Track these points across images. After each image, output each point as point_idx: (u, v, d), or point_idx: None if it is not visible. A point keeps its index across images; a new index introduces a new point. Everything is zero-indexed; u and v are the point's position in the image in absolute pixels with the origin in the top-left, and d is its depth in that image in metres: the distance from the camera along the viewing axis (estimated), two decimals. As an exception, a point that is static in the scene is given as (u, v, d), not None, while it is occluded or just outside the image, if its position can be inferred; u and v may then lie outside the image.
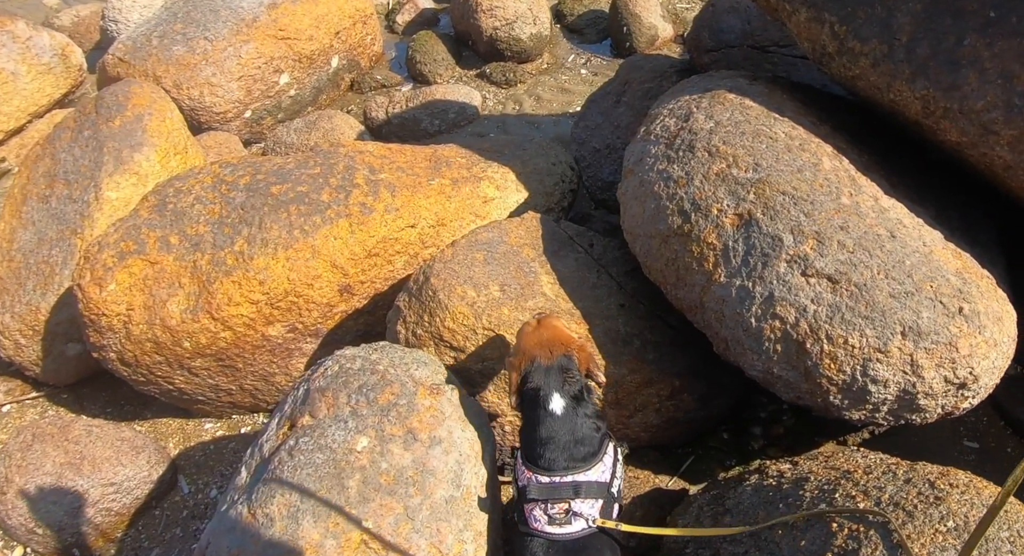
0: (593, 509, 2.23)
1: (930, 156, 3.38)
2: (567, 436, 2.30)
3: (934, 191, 3.24)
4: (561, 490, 2.23)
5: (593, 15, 6.60)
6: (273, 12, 5.57)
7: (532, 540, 2.24)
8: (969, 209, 3.29)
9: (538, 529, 2.23)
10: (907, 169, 3.29)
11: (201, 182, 3.48)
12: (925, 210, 2.97)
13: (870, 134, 3.38)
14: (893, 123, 3.27)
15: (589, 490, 2.24)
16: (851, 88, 3.18)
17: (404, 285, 3.07)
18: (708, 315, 2.73)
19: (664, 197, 2.86)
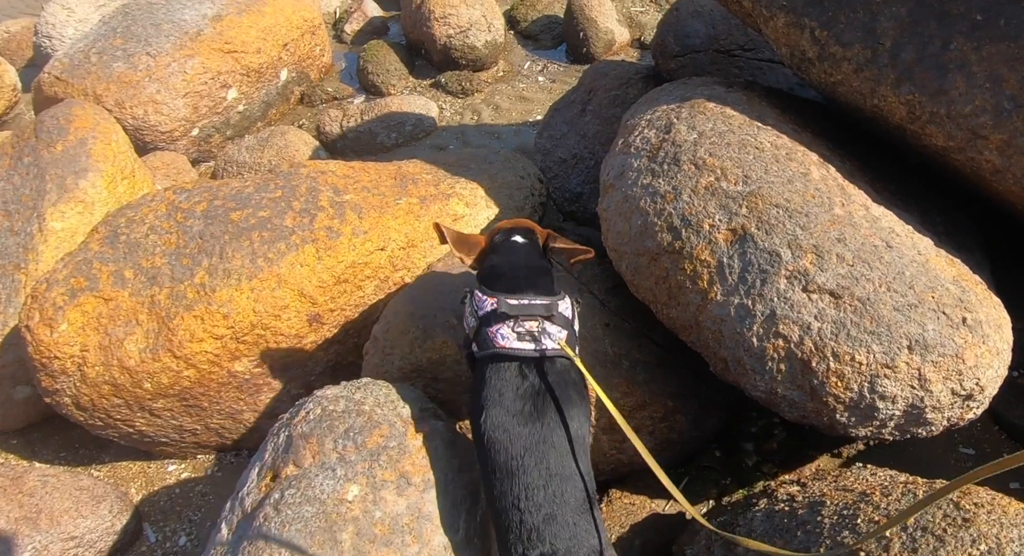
0: (560, 336, 2.18)
1: (908, 161, 3.34)
2: (530, 268, 2.33)
3: (916, 196, 3.19)
4: (533, 309, 2.18)
5: (547, 21, 6.48)
6: (218, 25, 5.34)
7: (497, 364, 2.12)
8: (952, 213, 3.25)
9: (505, 347, 2.12)
10: (887, 174, 3.24)
11: (155, 211, 3.26)
12: (911, 216, 2.91)
13: (848, 139, 3.32)
14: (872, 129, 3.22)
15: (559, 318, 2.21)
16: (830, 94, 3.10)
17: (380, 315, 2.89)
18: (705, 335, 2.62)
19: (651, 213, 2.75)
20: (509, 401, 2.07)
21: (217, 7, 5.40)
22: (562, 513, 1.93)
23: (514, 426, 2.03)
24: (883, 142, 3.32)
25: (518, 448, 2.00)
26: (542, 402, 2.08)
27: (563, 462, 2.02)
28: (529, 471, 1.97)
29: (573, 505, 1.96)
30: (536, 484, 1.95)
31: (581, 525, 1.94)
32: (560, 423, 2.07)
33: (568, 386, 2.16)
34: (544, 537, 1.88)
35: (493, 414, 2.05)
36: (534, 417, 2.05)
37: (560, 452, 2.03)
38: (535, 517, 1.91)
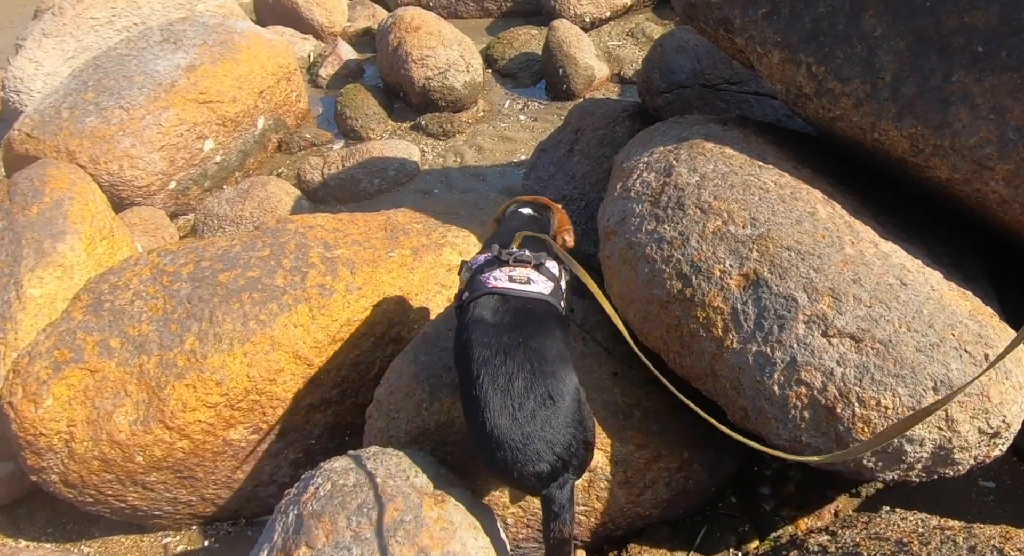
0: (546, 287, 2.36)
1: (904, 191, 3.31)
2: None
3: (919, 227, 3.15)
4: (523, 257, 2.38)
5: (525, 58, 6.45)
6: (192, 75, 5.24)
7: (481, 298, 2.25)
8: (955, 243, 3.20)
9: (497, 286, 2.27)
10: (889, 207, 3.20)
11: (139, 275, 3.14)
12: (918, 249, 2.86)
13: (845, 172, 3.29)
14: (871, 161, 3.18)
15: (546, 271, 2.42)
16: (828, 129, 3.07)
17: (383, 377, 2.78)
18: (722, 384, 2.54)
19: (659, 260, 2.67)
20: (489, 315, 2.21)
21: (191, 57, 5.31)
22: (555, 416, 2.05)
23: (494, 335, 2.15)
24: (881, 174, 3.29)
25: (499, 355, 2.11)
26: (522, 317, 2.22)
27: (542, 365, 2.12)
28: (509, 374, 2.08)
29: (563, 405, 2.09)
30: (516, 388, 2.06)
31: (571, 424, 2.07)
32: (538, 332, 2.20)
33: (548, 315, 2.32)
34: (541, 443, 2.01)
35: (475, 328, 2.18)
36: (513, 326, 2.18)
37: (539, 355, 2.14)
38: (532, 424, 2.03)
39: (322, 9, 7.25)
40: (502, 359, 2.10)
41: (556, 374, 2.15)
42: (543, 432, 2.03)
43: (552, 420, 2.06)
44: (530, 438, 2.01)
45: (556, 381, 2.13)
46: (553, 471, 2.03)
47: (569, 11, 6.53)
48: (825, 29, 2.78)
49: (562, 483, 2.05)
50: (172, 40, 5.39)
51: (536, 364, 2.12)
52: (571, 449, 2.07)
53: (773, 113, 4.28)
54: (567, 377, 2.17)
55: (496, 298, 2.26)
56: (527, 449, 2.01)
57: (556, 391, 2.11)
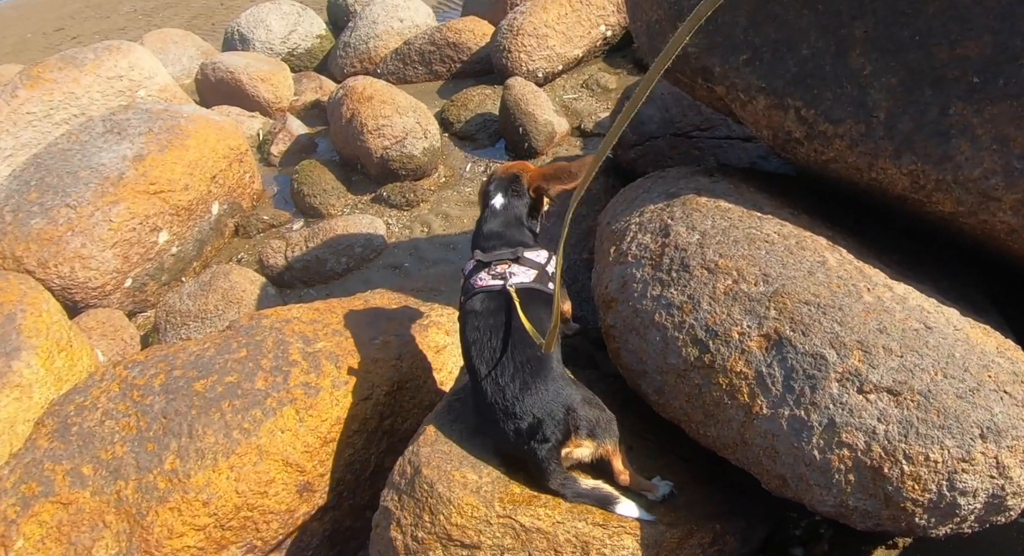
0: (528, 276, 2.65)
1: (895, 225, 3.22)
2: (505, 224, 2.84)
3: (918, 263, 3.05)
4: (501, 255, 2.68)
5: (482, 119, 6.36)
6: (140, 165, 5.02)
7: (473, 297, 2.60)
8: (956, 275, 3.11)
9: (483, 285, 2.60)
10: (887, 245, 3.10)
11: (107, 392, 2.89)
12: (926, 287, 2.76)
13: (837, 212, 3.18)
14: (862, 199, 3.09)
15: (526, 261, 2.69)
16: (820, 171, 2.97)
17: (387, 480, 2.55)
18: (754, 452, 2.37)
19: (670, 327, 2.51)
20: (479, 306, 2.57)
21: (137, 147, 5.10)
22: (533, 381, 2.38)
23: (482, 320, 2.53)
24: (872, 209, 3.20)
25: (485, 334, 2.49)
26: (506, 304, 2.55)
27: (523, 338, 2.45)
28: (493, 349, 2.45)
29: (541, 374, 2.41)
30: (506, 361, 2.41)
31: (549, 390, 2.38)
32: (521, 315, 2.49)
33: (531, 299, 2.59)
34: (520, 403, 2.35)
35: (468, 318, 2.57)
36: (498, 311, 2.54)
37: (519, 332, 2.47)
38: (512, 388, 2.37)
39: (267, 85, 7.11)
40: (488, 337, 2.49)
41: (533, 345, 2.44)
42: (523, 395, 2.36)
43: (530, 384, 2.39)
44: (512, 400, 2.35)
45: (533, 350, 2.44)
46: (531, 428, 2.34)
47: (521, 68, 6.47)
48: (811, 71, 2.69)
49: (543, 439, 2.33)
50: (116, 130, 5.18)
51: (516, 338, 2.47)
52: (548, 409, 2.36)
53: (747, 156, 4.21)
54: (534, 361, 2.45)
55: (484, 295, 2.59)
56: (511, 409, 2.35)
57: (533, 359, 2.43)
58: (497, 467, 2.50)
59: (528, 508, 2.39)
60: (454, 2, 9.39)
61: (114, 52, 6.41)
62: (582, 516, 2.43)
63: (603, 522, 2.44)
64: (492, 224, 2.84)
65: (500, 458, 2.49)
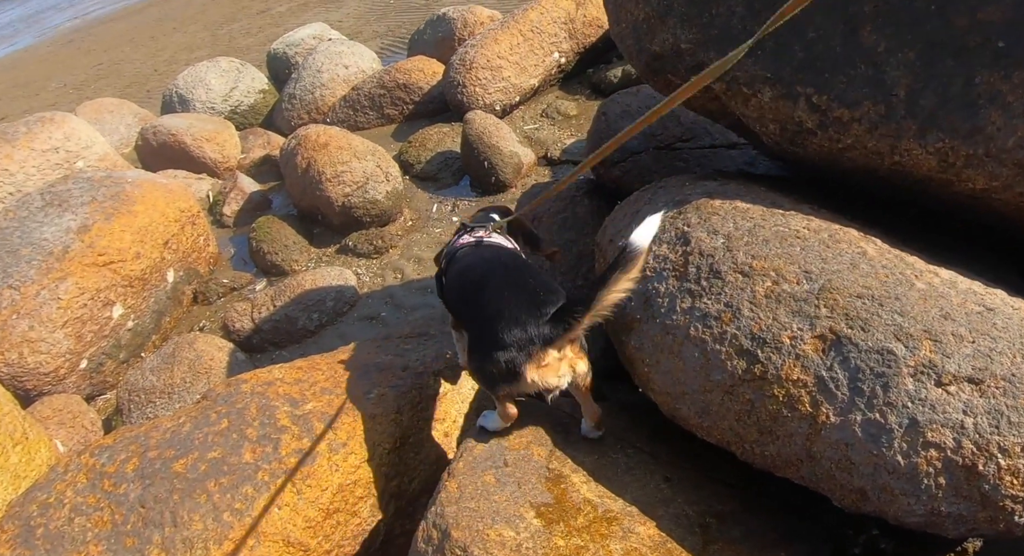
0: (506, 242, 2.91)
1: (907, 213, 3.03)
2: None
3: (945, 249, 2.85)
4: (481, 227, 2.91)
5: (443, 158, 6.11)
6: (86, 236, 4.65)
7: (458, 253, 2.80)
8: (982, 258, 2.92)
9: (463, 243, 2.83)
10: (906, 234, 2.89)
11: (72, 485, 2.51)
12: (963, 269, 2.53)
13: (849, 206, 2.97)
14: (877, 187, 2.89)
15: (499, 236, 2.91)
16: (833, 162, 2.76)
17: (411, 552, 2.22)
18: (824, 466, 2.11)
19: (710, 340, 2.25)
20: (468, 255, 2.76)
21: (80, 217, 4.74)
22: (519, 308, 2.31)
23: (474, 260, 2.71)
24: (881, 200, 3.01)
25: (479, 267, 2.66)
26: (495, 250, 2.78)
27: (514, 261, 2.68)
28: (490, 284, 2.49)
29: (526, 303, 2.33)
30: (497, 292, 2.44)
31: (533, 315, 2.28)
32: (507, 254, 2.76)
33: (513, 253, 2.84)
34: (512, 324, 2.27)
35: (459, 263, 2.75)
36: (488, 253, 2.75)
37: (511, 262, 2.66)
38: (506, 312, 2.31)
39: (213, 144, 6.80)
40: (482, 269, 2.62)
41: (520, 269, 2.58)
42: (513, 306, 2.31)
43: (518, 298, 2.35)
44: (502, 312, 2.30)
45: (521, 274, 2.53)
46: (524, 335, 2.25)
47: (478, 102, 6.26)
48: (820, 54, 2.50)
49: (528, 343, 2.25)
50: (56, 203, 4.82)
51: (509, 262, 2.65)
52: (535, 315, 2.28)
53: (732, 164, 4.02)
54: (529, 272, 2.56)
55: (470, 246, 2.80)
56: (504, 318, 2.28)
57: (521, 280, 2.48)
58: (534, 518, 2.19)
59: (578, 563, 2.08)
60: (397, 45, 9.20)
61: (47, 123, 6.06)
62: (637, 564, 2.13)
63: (661, 567, 2.14)
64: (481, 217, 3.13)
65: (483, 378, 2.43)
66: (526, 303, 2.32)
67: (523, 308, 2.30)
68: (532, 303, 2.31)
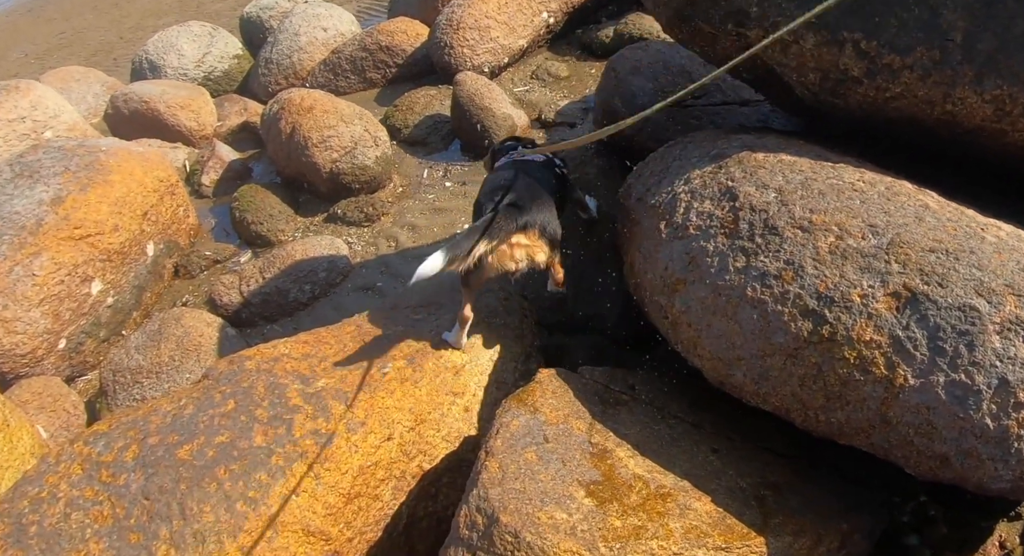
0: (539, 157, 3.22)
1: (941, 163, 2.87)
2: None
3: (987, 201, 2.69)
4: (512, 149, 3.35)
5: (431, 122, 5.85)
6: (61, 208, 4.36)
7: (500, 169, 3.20)
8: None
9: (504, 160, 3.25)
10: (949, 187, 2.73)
11: (66, 477, 2.29)
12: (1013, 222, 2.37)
13: (893, 158, 2.79)
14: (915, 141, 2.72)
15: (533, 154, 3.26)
16: (875, 113, 2.58)
17: (452, 539, 2.03)
18: (900, 432, 1.95)
19: (770, 301, 2.07)
20: (504, 170, 3.09)
21: (54, 189, 4.43)
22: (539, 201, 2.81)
23: (505, 174, 2.98)
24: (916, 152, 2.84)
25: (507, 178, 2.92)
26: (523, 168, 3.05)
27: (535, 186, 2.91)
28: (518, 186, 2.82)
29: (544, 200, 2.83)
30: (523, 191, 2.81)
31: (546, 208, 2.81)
32: (531, 173, 3.02)
33: (542, 166, 3.17)
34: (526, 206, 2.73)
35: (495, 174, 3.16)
36: (516, 172, 2.97)
37: (534, 180, 2.96)
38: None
39: (188, 112, 6.46)
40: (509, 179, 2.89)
41: (537, 181, 2.96)
42: (531, 208, 2.72)
43: (535, 200, 2.79)
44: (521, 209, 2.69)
45: (536, 188, 2.89)
46: (529, 218, 2.70)
47: (466, 63, 5.99)
48: (872, -6, 2.31)
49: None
50: (27, 173, 4.51)
51: (527, 179, 2.92)
52: (541, 218, 2.75)
53: (746, 121, 3.83)
54: (542, 190, 2.91)
55: (507, 165, 3.15)
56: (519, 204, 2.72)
57: (536, 190, 2.87)
58: (584, 498, 2.01)
59: (638, 543, 1.91)
60: (376, 7, 8.87)
61: (12, 92, 5.71)
62: (700, 541, 1.97)
63: (724, 545, 1.98)
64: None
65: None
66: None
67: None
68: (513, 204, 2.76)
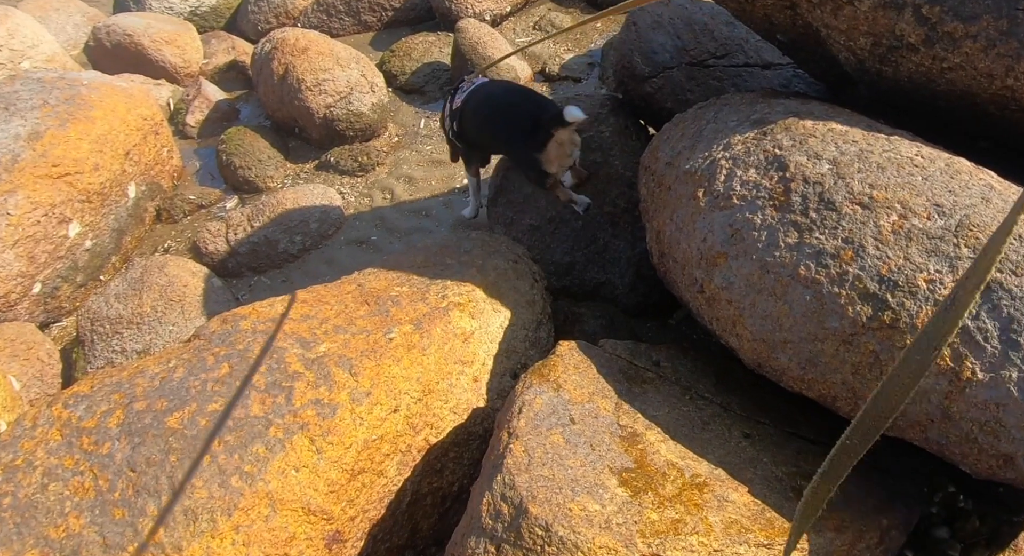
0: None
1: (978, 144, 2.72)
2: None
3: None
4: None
5: (429, 70, 5.58)
6: (38, 145, 4.08)
7: (468, 100, 3.49)
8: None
9: (466, 92, 3.51)
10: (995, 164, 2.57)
11: (43, 443, 2.10)
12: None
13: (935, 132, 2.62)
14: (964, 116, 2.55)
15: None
16: (925, 84, 2.40)
17: (473, 529, 1.86)
18: (962, 428, 1.81)
19: (825, 282, 1.91)
20: (473, 96, 3.49)
21: (31, 123, 4.15)
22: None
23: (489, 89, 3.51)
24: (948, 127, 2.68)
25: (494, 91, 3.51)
26: (491, 85, 3.59)
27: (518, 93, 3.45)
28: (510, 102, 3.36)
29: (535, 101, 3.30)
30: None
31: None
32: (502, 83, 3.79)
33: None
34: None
35: (468, 109, 3.50)
36: (491, 88, 3.55)
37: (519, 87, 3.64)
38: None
39: (173, 47, 6.13)
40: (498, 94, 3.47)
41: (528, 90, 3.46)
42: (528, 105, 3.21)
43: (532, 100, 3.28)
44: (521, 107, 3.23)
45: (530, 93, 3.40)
46: (537, 122, 3.08)
47: (467, 11, 5.72)
48: (943, -47, 2.11)
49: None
50: (2, 106, 4.22)
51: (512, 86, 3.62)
52: (544, 111, 3.10)
53: (768, 84, 3.64)
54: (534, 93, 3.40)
55: (473, 91, 3.49)
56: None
57: (530, 92, 3.40)
58: (617, 487, 1.85)
59: (677, 539, 1.76)
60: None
61: (-12, 18, 5.37)
62: (741, 537, 1.82)
63: (767, 541, 1.84)
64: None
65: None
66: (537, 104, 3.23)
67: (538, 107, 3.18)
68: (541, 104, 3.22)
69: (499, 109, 3.38)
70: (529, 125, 3.09)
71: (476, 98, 3.45)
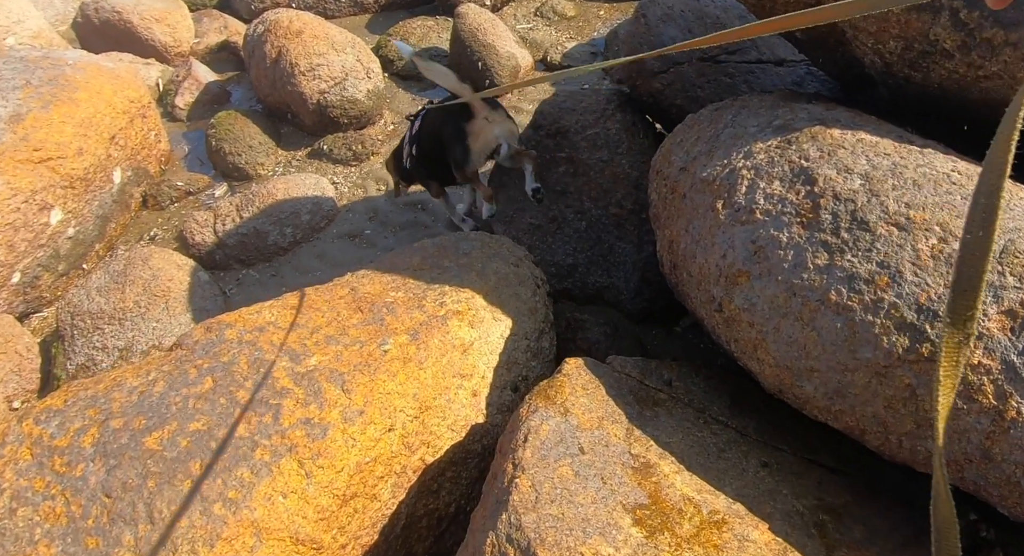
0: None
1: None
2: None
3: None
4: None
5: (428, 55, 5.41)
6: (19, 127, 3.90)
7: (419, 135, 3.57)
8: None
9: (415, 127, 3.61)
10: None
11: (12, 463, 1.95)
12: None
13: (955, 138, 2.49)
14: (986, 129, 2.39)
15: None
16: (956, 92, 2.26)
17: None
18: (1003, 470, 1.69)
19: (858, 309, 1.77)
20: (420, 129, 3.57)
21: (12, 104, 3.97)
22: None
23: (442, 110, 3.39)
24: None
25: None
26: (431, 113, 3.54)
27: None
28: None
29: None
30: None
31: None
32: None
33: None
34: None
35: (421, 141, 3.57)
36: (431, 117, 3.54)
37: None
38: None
39: (163, 26, 5.93)
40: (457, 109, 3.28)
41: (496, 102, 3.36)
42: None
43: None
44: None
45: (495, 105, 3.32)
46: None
47: (467, -7, 5.55)
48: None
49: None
50: (-19, 86, 4.04)
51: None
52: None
53: (781, 82, 3.49)
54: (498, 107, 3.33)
55: (419, 122, 3.58)
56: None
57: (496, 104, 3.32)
58: (631, 527, 1.72)
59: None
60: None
61: (-33, -9, 5.17)
62: (761, 587, 1.69)
63: (789, 588, 1.71)
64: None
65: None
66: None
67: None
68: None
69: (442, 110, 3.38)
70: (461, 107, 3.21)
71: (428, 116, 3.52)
